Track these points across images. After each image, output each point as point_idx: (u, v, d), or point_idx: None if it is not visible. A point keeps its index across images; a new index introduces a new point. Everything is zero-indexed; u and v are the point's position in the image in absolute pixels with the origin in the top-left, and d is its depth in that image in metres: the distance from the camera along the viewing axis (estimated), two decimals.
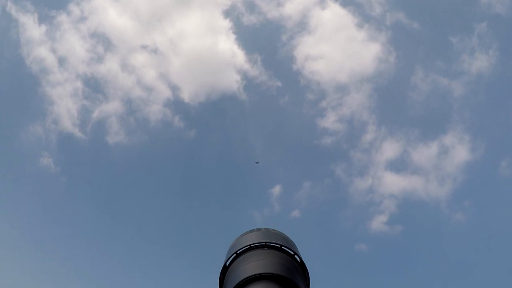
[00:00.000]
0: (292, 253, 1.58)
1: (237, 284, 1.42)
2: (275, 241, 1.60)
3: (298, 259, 1.58)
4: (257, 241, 1.60)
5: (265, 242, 1.59)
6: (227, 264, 1.59)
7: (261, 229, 1.72)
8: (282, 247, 1.58)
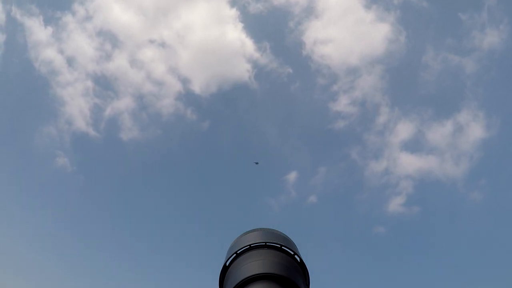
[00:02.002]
0: (292, 253, 1.57)
1: (237, 284, 1.42)
2: (275, 241, 1.59)
3: (298, 259, 1.57)
4: (257, 241, 1.59)
5: (265, 242, 1.59)
6: (227, 264, 1.59)
7: (261, 229, 1.71)
8: (282, 247, 1.57)
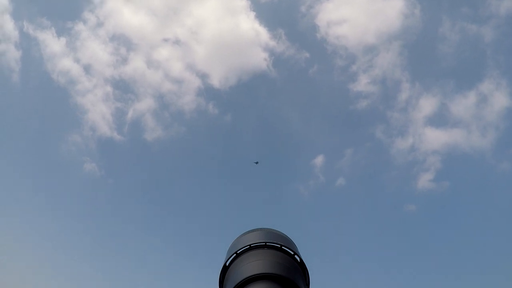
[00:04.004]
0: (292, 253, 1.57)
1: (237, 284, 1.44)
2: (275, 241, 1.60)
3: (298, 259, 1.57)
4: (257, 241, 1.60)
5: (265, 242, 1.60)
6: (227, 264, 1.60)
7: (261, 229, 1.72)
8: (282, 247, 1.58)
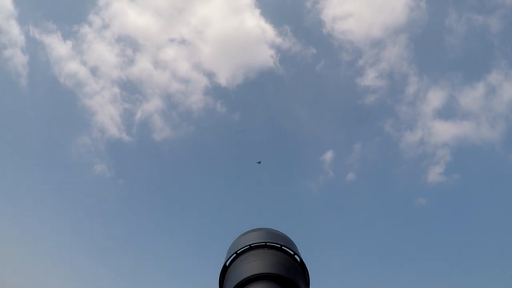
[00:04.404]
0: (292, 253, 1.57)
1: (237, 284, 1.44)
2: (275, 241, 1.60)
3: (298, 259, 1.57)
4: (257, 241, 1.60)
5: (265, 242, 1.60)
6: (227, 264, 1.61)
7: (261, 229, 1.72)
8: (282, 247, 1.58)
